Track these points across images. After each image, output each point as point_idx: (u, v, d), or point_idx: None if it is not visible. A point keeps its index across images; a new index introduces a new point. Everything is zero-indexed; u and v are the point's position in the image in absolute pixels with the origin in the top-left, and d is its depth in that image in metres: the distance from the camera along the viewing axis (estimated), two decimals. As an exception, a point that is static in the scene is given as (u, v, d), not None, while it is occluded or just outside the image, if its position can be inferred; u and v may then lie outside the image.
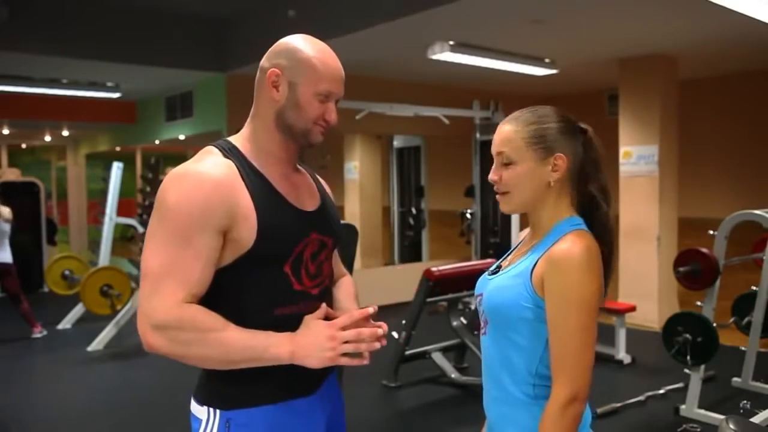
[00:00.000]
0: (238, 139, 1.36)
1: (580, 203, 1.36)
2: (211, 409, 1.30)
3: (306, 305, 1.33)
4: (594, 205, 1.35)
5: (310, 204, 1.39)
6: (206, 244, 1.21)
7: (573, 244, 1.25)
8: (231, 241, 1.24)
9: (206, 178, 1.24)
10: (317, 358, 1.22)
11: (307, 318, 1.28)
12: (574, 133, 1.34)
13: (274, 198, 1.31)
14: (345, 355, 1.23)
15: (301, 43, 1.33)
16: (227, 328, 1.20)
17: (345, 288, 1.52)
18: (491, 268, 1.43)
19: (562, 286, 1.23)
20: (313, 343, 1.22)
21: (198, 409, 1.32)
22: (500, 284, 1.34)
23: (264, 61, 1.35)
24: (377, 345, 1.27)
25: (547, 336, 1.26)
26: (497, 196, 1.36)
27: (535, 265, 1.28)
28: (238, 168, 1.28)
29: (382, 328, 1.29)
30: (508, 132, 1.33)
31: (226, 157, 1.30)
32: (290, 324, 1.29)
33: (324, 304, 1.34)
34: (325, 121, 1.33)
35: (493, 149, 1.35)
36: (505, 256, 1.46)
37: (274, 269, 1.29)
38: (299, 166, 1.44)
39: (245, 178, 1.28)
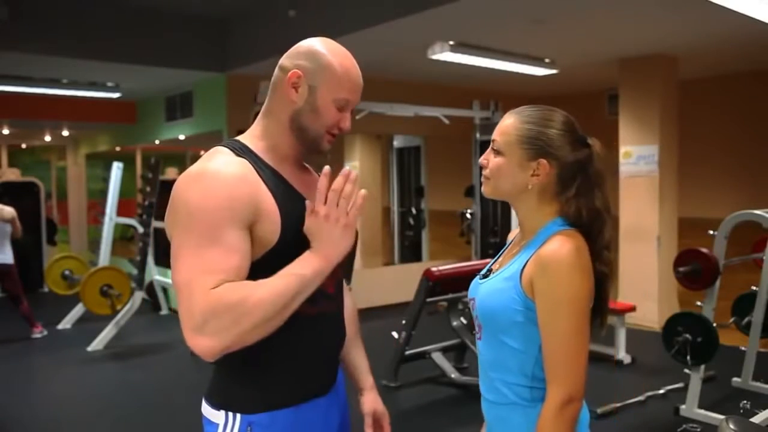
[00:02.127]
0: (247, 138, 1.34)
1: (568, 215, 1.31)
2: (230, 413, 1.27)
3: (324, 304, 1.33)
4: (585, 223, 1.30)
5: None
6: (237, 238, 1.17)
7: (561, 245, 1.23)
8: (255, 238, 1.22)
9: (228, 174, 1.21)
10: (344, 243, 1.21)
11: (307, 223, 1.23)
12: (575, 144, 1.31)
13: (292, 195, 1.30)
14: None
15: (325, 47, 1.31)
16: (258, 286, 1.14)
17: (352, 322, 1.52)
18: (482, 272, 1.42)
19: (552, 288, 1.22)
20: (328, 238, 1.20)
21: (213, 414, 1.29)
22: (491, 288, 1.33)
23: (285, 60, 1.33)
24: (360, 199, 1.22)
25: (540, 338, 1.25)
26: (482, 178, 1.38)
27: (524, 267, 1.27)
28: (253, 165, 1.26)
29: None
30: (507, 125, 1.33)
31: (238, 156, 1.28)
32: (309, 324, 1.29)
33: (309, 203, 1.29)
34: (339, 128, 1.33)
35: (492, 137, 1.36)
36: (496, 258, 1.45)
37: None
38: (305, 164, 1.44)
39: (262, 175, 1.26)
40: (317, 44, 1.32)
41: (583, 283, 1.23)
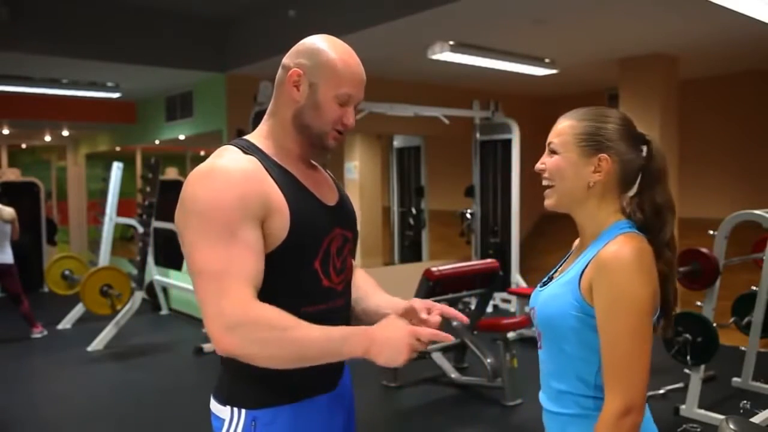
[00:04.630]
0: (255, 137, 1.36)
1: (632, 214, 1.29)
2: (235, 409, 1.30)
3: (333, 302, 1.34)
4: (647, 220, 1.28)
5: (331, 199, 1.40)
6: (252, 235, 1.20)
7: (622, 246, 1.19)
8: (265, 234, 1.24)
9: (237, 171, 1.23)
10: (389, 359, 1.17)
11: (392, 316, 1.24)
12: (634, 140, 1.29)
13: (301, 191, 1.31)
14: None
15: (324, 44, 1.33)
16: (301, 325, 1.17)
17: (369, 280, 1.55)
18: (543, 280, 1.39)
19: (611, 289, 1.17)
20: (391, 343, 1.17)
21: (220, 409, 1.32)
22: (549, 294, 1.30)
23: (286, 60, 1.34)
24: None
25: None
26: (544, 191, 1.33)
27: (583, 271, 1.23)
28: (261, 163, 1.28)
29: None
30: (563, 126, 1.30)
31: (246, 153, 1.30)
32: (317, 322, 1.28)
33: (420, 301, 1.34)
34: (343, 124, 1.33)
35: (547, 140, 1.33)
36: (557, 267, 1.41)
37: (304, 265, 1.29)
38: (313, 162, 1.45)
39: (270, 172, 1.28)
40: (317, 41, 1.34)
41: (643, 286, 1.17)
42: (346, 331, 1.19)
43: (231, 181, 1.21)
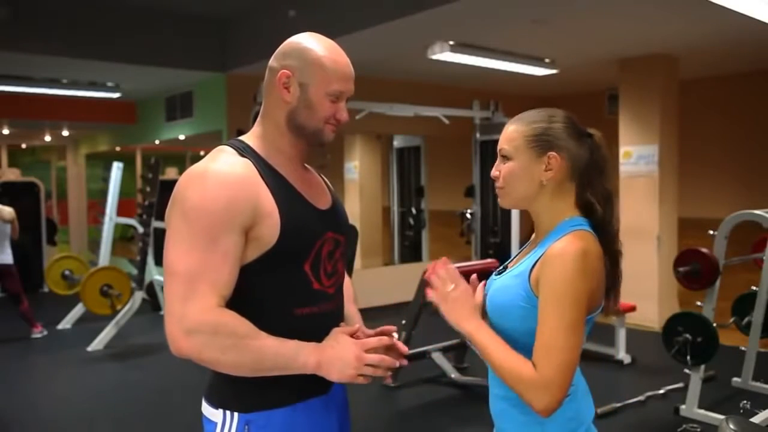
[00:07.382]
0: (250, 138, 1.36)
1: (582, 207, 1.34)
2: (228, 412, 1.29)
3: (324, 305, 1.34)
4: (594, 210, 1.33)
5: (323, 202, 1.40)
6: (232, 244, 1.21)
7: (569, 244, 1.24)
8: (253, 238, 1.24)
9: (229, 176, 1.23)
10: (339, 373, 1.23)
11: (336, 331, 1.29)
12: (579, 136, 1.34)
13: (293, 195, 1.31)
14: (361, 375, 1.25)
15: (310, 42, 1.32)
16: (260, 335, 1.20)
17: (346, 292, 1.53)
18: (499, 269, 1.44)
19: (551, 282, 1.22)
20: (339, 358, 1.23)
21: (212, 412, 1.32)
22: (502, 284, 1.35)
23: (273, 62, 1.34)
24: (389, 371, 1.29)
25: None
26: (497, 191, 1.40)
27: (534, 264, 1.28)
28: (255, 166, 1.28)
29: (400, 361, 1.30)
30: (511, 131, 1.36)
31: (241, 155, 1.30)
32: (309, 324, 1.30)
33: (363, 327, 1.37)
34: (336, 120, 1.34)
35: (498, 147, 1.39)
36: (513, 256, 1.46)
37: (294, 268, 1.30)
38: (306, 165, 1.45)
39: (263, 176, 1.28)
40: (302, 40, 1.34)
41: (583, 285, 1.22)
42: (298, 345, 1.23)
43: (222, 186, 1.21)
